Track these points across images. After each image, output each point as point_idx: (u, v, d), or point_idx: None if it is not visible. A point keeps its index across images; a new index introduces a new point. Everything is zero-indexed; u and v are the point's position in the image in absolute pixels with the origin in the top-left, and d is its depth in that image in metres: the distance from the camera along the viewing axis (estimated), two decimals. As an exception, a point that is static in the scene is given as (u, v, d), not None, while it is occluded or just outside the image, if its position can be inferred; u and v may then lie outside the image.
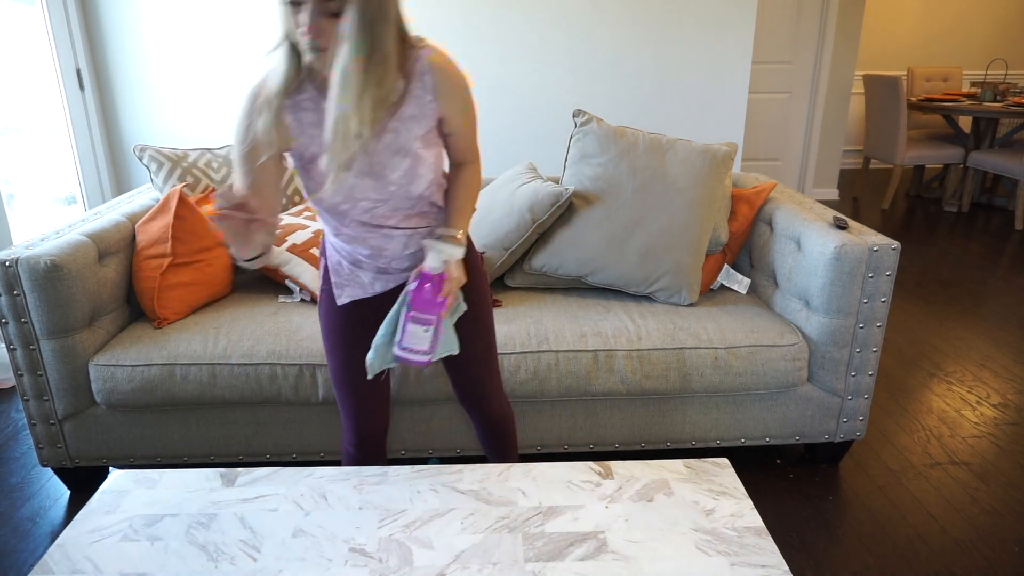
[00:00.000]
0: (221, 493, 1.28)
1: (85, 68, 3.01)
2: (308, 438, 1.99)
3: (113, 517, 1.22)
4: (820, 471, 2.12)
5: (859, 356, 1.96)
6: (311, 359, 1.87)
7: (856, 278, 1.87)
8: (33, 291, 1.78)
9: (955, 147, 5.04)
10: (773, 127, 5.04)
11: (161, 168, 2.26)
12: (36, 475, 2.12)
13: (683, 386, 1.94)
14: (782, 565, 1.10)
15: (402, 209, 1.33)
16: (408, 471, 1.35)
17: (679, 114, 3.34)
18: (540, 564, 1.10)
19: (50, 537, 1.86)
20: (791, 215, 2.10)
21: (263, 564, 1.11)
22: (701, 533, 1.17)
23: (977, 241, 4.44)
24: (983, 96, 4.88)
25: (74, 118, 3.03)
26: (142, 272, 2.00)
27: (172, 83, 3.11)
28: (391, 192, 1.29)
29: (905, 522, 1.90)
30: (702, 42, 3.22)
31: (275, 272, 2.17)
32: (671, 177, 2.12)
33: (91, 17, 3.01)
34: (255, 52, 3.08)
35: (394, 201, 1.31)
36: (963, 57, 6.31)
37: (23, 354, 1.85)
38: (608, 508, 1.23)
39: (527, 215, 2.13)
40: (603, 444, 2.04)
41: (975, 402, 2.51)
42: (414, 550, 1.14)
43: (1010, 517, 1.92)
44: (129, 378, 1.85)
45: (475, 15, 3.10)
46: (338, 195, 1.28)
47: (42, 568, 1.10)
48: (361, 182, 1.27)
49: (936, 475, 2.10)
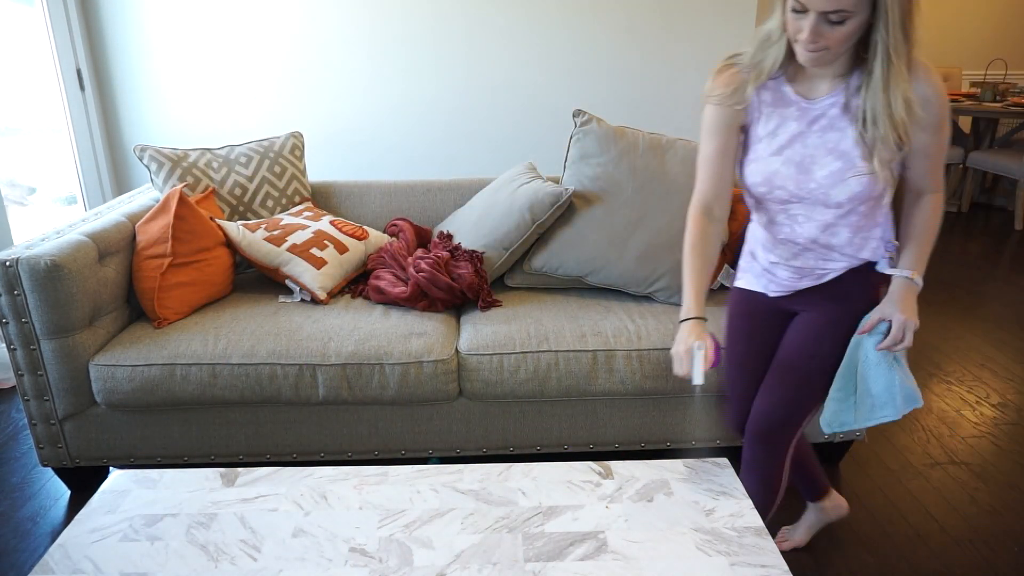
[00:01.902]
0: (221, 493, 1.29)
1: (85, 68, 3.01)
2: (308, 438, 1.99)
3: (113, 517, 1.22)
4: (820, 471, 2.12)
5: (859, 356, 1.96)
6: (311, 359, 1.87)
7: (856, 278, 1.87)
8: (33, 291, 1.78)
9: (955, 147, 5.04)
10: (773, 127, 5.03)
11: (161, 168, 2.26)
12: (36, 475, 2.12)
13: (683, 386, 1.94)
14: (782, 565, 1.10)
15: (814, 219, 1.31)
16: (408, 471, 1.35)
17: (679, 114, 3.34)
18: (540, 564, 1.10)
19: (50, 537, 1.86)
20: (791, 215, 2.10)
21: (263, 564, 1.11)
22: (701, 533, 1.17)
23: (977, 241, 4.45)
24: (983, 96, 4.88)
25: (74, 118, 3.03)
26: (142, 272, 2.00)
27: (172, 83, 3.11)
28: (810, 190, 1.27)
29: (905, 522, 1.90)
30: (702, 42, 3.22)
31: (275, 272, 2.17)
32: (671, 177, 2.12)
33: (91, 17, 3.01)
34: (255, 52, 3.09)
35: (810, 202, 1.29)
36: (963, 57, 6.31)
37: (23, 354, 1.85)
38: (608, 508, 1.23)
39: (527, 215, 2.13)
40: (603, 444, 2.04)
41: (975, 402, 2.51)
42: (414, 550, 1.14)
43: (1009, 517, 1.92)
44: (129, 378, 1.85)
45: (475, 15, 3.10)
46: (758, 176, 1.31)
47: (42, 568, 1.10)
48: (784, 170, 1.28)
49: (936, 475, 2.11)
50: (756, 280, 1.48)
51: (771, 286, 1.45)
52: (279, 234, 2.19)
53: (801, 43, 1.16)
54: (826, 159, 1.25)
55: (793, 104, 1.27)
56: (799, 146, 1.27)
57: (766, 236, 1.40)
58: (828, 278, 1.38)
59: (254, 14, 3.04)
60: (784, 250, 1.38)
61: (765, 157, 1.30)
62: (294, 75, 3.13)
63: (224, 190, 2.35)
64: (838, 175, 1.24)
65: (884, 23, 1.10)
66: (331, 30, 3.08)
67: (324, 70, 3.14)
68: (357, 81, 3.15)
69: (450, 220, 2.42)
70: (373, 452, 2.02)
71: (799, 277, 1.40)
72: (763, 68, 1.25)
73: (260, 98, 3.16)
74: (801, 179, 1.27)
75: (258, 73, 3.12)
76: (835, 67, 1.23)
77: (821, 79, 1.25)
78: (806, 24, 1.13)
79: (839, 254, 1.35)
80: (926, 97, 1.19)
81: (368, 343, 1.89)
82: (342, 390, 1.88)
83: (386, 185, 2.58)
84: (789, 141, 1.28)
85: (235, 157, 2.40)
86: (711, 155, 1.33)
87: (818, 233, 1.33)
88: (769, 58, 1.24)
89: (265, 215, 2.41)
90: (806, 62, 1.18)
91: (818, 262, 1.37)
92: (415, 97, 3.20)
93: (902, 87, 1.14)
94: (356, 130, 3.23)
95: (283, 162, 2.46)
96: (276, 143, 2.50)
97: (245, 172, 2.39)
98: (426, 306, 2.07)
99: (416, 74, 3.16)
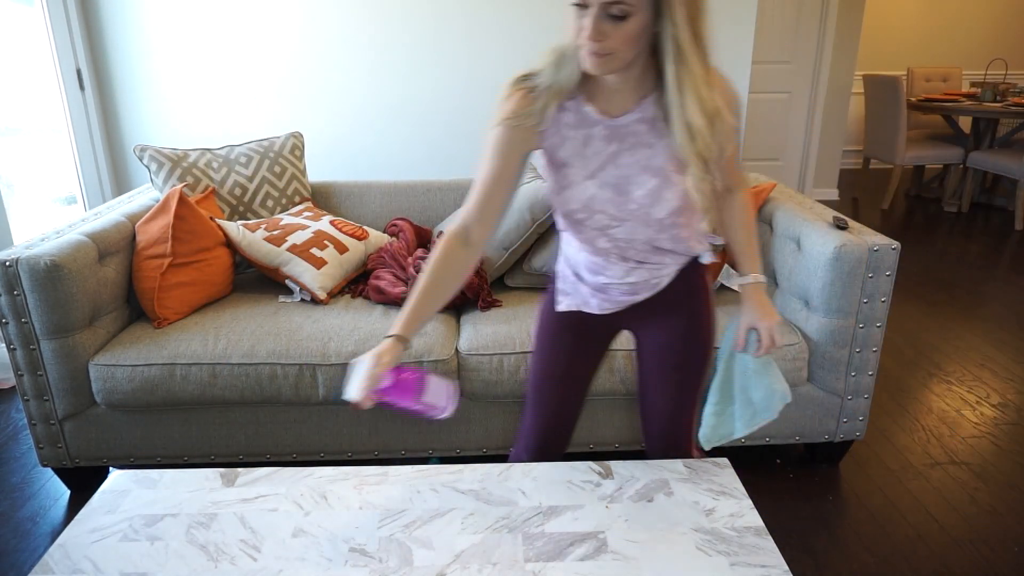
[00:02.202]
0: (221, 493, 1.29)
1: (85, 68, 3.01)
2: (308, 438, 1.99)
3: (113, 517, 1.22)
4: (820, 471, 2.12)
5: (859, 356, 1.96)
6: (311, 359, 1.87)
7: (856, 278, 1.87)
8: (33, 291, 1.78)
9: (955, 147, 5.03)
10: (773, 127, 5.04)
11: (161, 168, 2.26)
12: (36, 475, 2.12)
13: (683, 386, 1.94)
14: (782, 565, 1.10)
15: (638, 238, 1.27)
16: (408, 471, 1.35)
17: (679, 114, 3.33)
18: (540, 564, 1.10)
19: (50, 537, 1.86)
20: (791, 215, 2.10)
21: (263, 564, 1.11)
22: (701, 533, 1.17)
23: (977, 241, 4.45)
24: (983, 96, 4.87)
25: (74, 118, 3.03)
26: (142, 272, 2.00)
27: (172, 83, 3.11)
28: (631, 210, 1.23)
29: (905, 522, 1.90)
30: (702, 42, 3.21)
31: (275, 272, 2.17)
32: (671, 177, 2.12)
33: (91, 17, 3.01)
34: (255, 52, 3.08)
35: (632, 223, 1.24)
36: (963, 57, 6.31)
37: (23, 354, 1.85)
38: (608, 508, 1.23)
39: (527, 215, 2.12)
40: (603, 444, 2.04)
41: (975, 402, 2.51)
42: (414, 550, 1.14)
43: (1010, 517, 1.92)
44: (129, 378, 1.85)
45: (475, 15, 3.10)
46: (576, 203, 1.24)
47: (42, 568, 1.10)
48: (602, 193, 1.22)
49: (936, 475, 2.11)
50: (586, 302, 1.39)
51: (605, 304, 1.37)
52: (279, 234, 2.19)
53: (585, 45, 1.07)
54: (642, 177, 1.20)
55: (598, 124, 1.19)
56: (612, 167, 1.21)
57: (591, 259, 1.34)
58: (663, 285, 1.35)
59: (254, 14, 3.04)
60: (616, 270, 1.32)
61: (580, 182, 1.22)
62: (294, 75, 3.13)
63: (224, 190, 2.34)
64: (656, 193, 1.20)
65: (671, 21, 1.04)
66: (331, 30, 3.08)
67: (324, 70, 3.13)
68: (357, 81, 3.15)
69: (450, 220, 2.42)
70: (373, 452, 2.02)
71: (634, 292, 1.35)
72: (560, 87, 1.16)
73: (260, 98, 3.16)
74: (620, 201, 1.22)
75: (258, 73, 3.12)
76: (636, 83, 1.16)
77: (622, 95, 1.18)
78: (588, 21, 1.05)
79: (669, 259, 1.32)
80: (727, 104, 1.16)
81: (368, 343, 1.89)
82: (342, 390, 1.88)
83: (386, 185, 2.58)
84: (601, 164, 1.21)
85: (235, 157, 2.40)
86: (488, 177, 1.22)
87: (645, 249, 1.29)
88: (564, 75, 1.15)
89: (265, 215, 2.41)
90: (592, 67, 1.10)
91: (652, 273, 1.33)
92: (415, 97, 3.20)
93: (699, 90, 1.09)
94: (356, 130, 3.22)
95: (283, 162, 2.46)
96: (276, 143, 2.50)
97: (245, 172, 2.39)
98: (426, 306, 2.06)
99: (416, 74, 3.16)
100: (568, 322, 1.41)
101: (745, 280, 1.38)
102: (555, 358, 1.44)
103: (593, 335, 1.45)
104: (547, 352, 1.45)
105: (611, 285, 1.33)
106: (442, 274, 1.23)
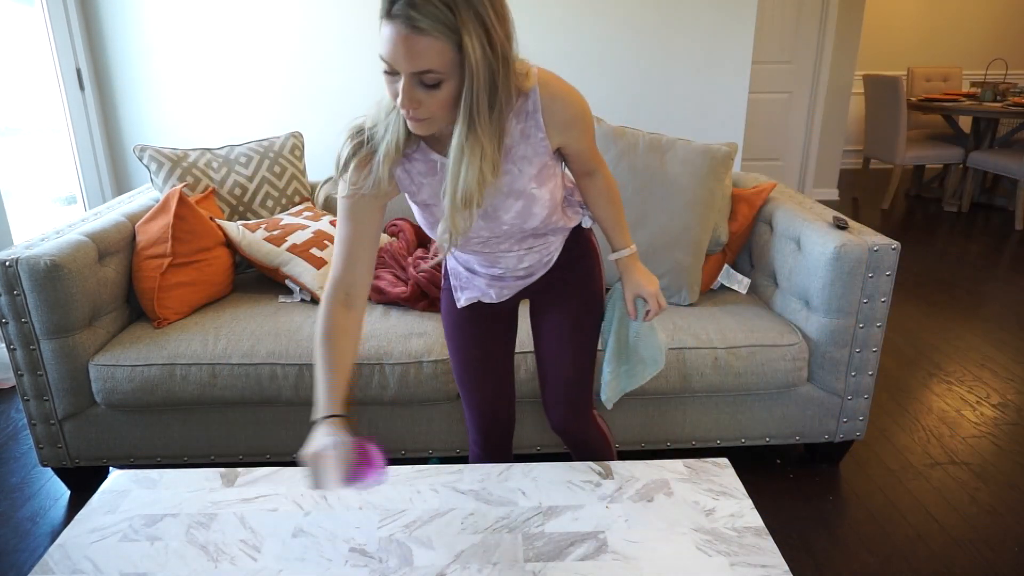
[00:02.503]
0: (221, 493, 1.29)
1: (85, 68, 3.01)
2: (308, 438, 1.98)
3: (113, 517, 1.22)
4: (820, 471, 2.12)
5: (859, 356, 1.96)
6: (311, 359, 1.87)
7: (856, 278, 1.87)
8: (33, 291, 1.78)
9: (955, 147, 5.03)
10: (773, 127, 5.04)
11: (161, 168, 2.26)
12: (36, 475, 2.12)
13: (683, 386, 1.94)
14: (782, 565, 1.10)
15: (515, 238, 1.31)
16: (408, 471, 1.35)
17: (679, 114, 3.34)
18: (540, 564, 1.10)
19: (50, 537, 1.86)
20: (791, 215, 2.10)
21: (263, 564, 1.11)
22: (701, 533, 1.17)
23: (977, 241, 4.44)
24: (983, 96, 4.88)
25: (74, 118, 3.03)
26: (142, 272, 2.00)
27: (172, 83, 3.11)
28: (504, 231, 1.27)
29: (905, 522, 1.90)
30: (702, 42, 3.22)
31: (275, 272, 2.17)
32: (671, 177, 2.12)
33: (91, 17, 3.01)
34: (255, 52, 3.08)
35: (508, 235, 1.29)
36: (963, 57, 6.31)
37: (23, 354, 1.85)
38: (608, 508, 1.23)
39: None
40: (603, 444, 2.04)
41: (975, 402, 2.51)
42: (414, 550, 1.14)
43: (1010, 517, 1.92)
44: (129, 378, 1.85)
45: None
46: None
47: (42, 568, 1.10)
48: (475, 223, 1.22)
49: (936, 475, 2.11)
50: (485, 293, 1.41)
51: (504, 292, 1.41)
52: (279, 234, 2.19)
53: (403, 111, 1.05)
54: (507, 203, 1.21)
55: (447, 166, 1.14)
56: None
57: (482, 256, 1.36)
58: (555, 260, 1.40)
59: (254, 14, 3.04)
60: (508, 260, 1.35)
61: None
62: (294, 75, 3.13)
63: (224, 190, 2.34)
64: (524, 211, 1.23)
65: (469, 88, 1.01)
66: (331, 30, 3.08)
67: (324, 70, 3.13)
68: (357, 81, 3.15)
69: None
70: (373, 452, 2.02)
71: (530, 274, 1.39)
72: (391, 152, 1.14)
73: (260, 98, 3.16)
74: (492, 225, 1.25)
75: (258, 73, 3.12)
76: None
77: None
78: (400, 88, 1.01)
79: (553, 236, 1.37)
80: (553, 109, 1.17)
81: (368, 343, 1.89)
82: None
83: (386, 185, 2.58)
84: None
85: (235, 157, 2.40)
86: (350, 240, 1.20)
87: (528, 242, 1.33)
88: (393, 138, 1.13)
89: (265, 215, 2.41)
90: (415, 130, 1.07)
91: (542, 253, 1.37)
92: (415, 97, 3.20)
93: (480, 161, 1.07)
94: (356, 130, 3.22)
95: (283, 162, 2.46)
96: (276, 143, 2.50)
97: (245, 172, 2.39)
98: (426, 306, 2.07)
99: (416, 74, 3.16)
100: (471, 314, 1.46)
101: (621, 253, 1.43)
102: (470, 350, 1.50)
103: (498, 318, 1.49)
104: (461, 347, 1.50)
105: (505, 273, 1.38)
106: (336, 343, 1.20)
